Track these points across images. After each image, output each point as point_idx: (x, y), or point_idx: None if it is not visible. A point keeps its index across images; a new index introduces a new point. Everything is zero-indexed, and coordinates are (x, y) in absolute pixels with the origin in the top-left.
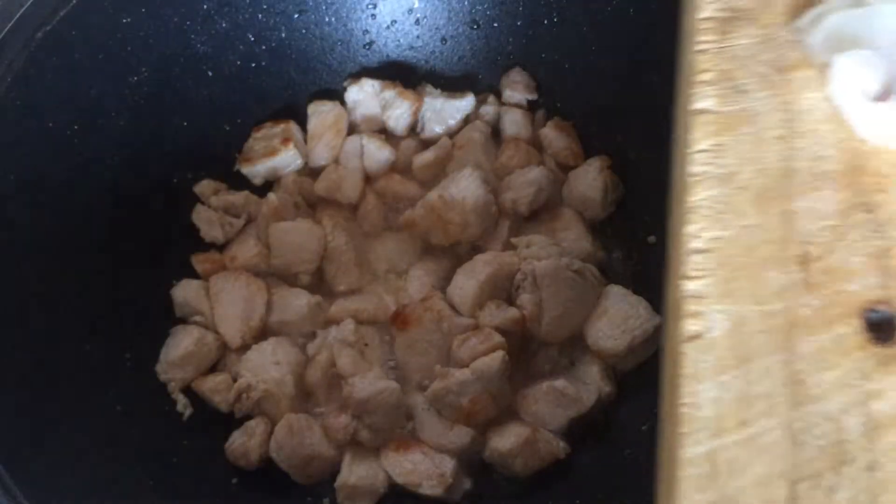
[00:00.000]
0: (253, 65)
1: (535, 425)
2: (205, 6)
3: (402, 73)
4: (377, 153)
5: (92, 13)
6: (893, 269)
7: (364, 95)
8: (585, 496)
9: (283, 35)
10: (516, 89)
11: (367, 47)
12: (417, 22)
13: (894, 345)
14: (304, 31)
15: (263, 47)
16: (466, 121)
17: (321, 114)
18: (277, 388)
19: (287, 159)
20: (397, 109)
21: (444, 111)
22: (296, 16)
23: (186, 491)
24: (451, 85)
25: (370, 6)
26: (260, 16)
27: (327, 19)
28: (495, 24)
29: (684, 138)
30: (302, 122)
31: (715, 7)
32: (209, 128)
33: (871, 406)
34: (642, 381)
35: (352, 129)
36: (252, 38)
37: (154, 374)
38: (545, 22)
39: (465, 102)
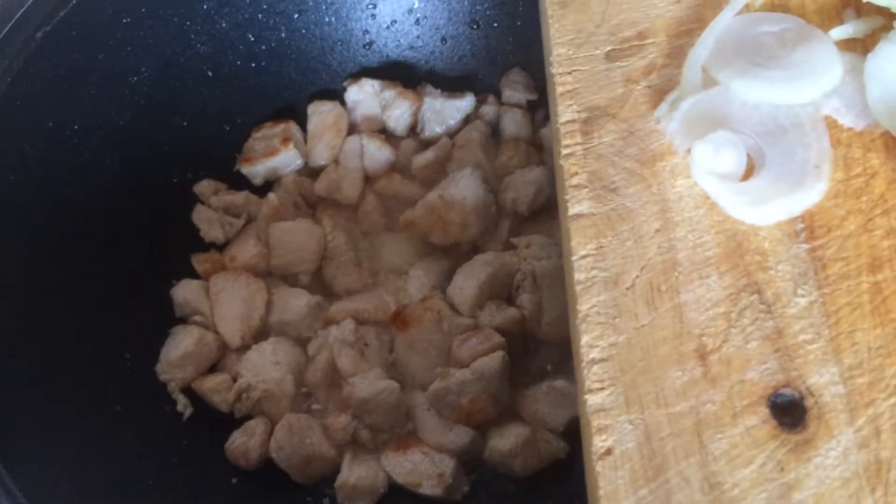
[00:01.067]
0: (253, 65)
1: (535, 425)
2: (205, 6)
3: (402, 73)
4: (377, 153)
5: (92, 13)
6: (790, 349)
7: (364, 95)
8: (585, 496)
9: (283, 35)
10: (516, 89)
11: (367, 47)
12: (417, 22)
13: (805, 429)
14: (304, 31)
15: (263, 47)
16: (466, 121)
17: (321, 114)
18: (277, 388)
19: (287, 159)
20: (397, 109)
21: (444, 111)
22: (296, 16)
23: (186, 491)
24: (451, 85)
25: (370, 6)
26: (260, 16)
27: (327, 19)
28: (495, 24)
29: (567, 246)
30: (302, 122)
31: (574, 109)
32: (209, 128)
33: (792, 498)
34: None
35: (352, 129)
36: (252, 38)
37: (154, 374)
38: None
39: (465, 102)
